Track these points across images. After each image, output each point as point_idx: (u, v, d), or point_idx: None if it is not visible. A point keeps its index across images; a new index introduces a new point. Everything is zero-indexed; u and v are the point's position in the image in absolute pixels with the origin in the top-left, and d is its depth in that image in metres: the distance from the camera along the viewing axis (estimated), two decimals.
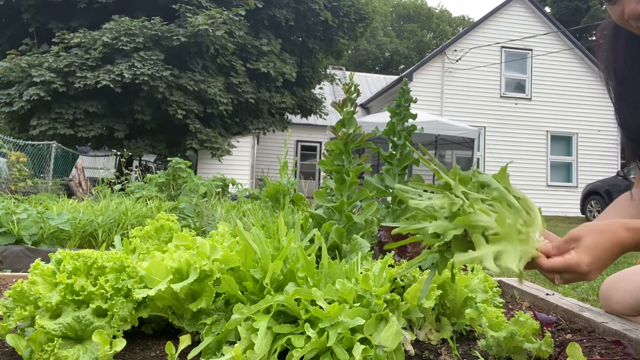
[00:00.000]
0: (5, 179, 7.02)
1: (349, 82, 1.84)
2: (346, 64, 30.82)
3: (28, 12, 11.41)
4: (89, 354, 0.90)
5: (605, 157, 15.16)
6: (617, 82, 1.17)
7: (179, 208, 3.08)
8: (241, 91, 11.67)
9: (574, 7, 25.89)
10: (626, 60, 1.14)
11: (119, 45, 10.19)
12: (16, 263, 2.26)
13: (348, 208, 1.79)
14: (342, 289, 1.02)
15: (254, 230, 1.13)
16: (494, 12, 15.21)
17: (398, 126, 2.31)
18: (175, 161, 4.95)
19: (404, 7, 40.07)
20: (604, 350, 1.13)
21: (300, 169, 18.35)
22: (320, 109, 14.95)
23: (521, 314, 1.02)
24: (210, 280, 1.05)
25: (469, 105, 14.75)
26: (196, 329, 1.04)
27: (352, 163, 1.83)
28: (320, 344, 0.90)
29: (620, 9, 0.97)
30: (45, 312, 0.94)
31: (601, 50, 1.20)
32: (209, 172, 11.29)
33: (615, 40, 1.15)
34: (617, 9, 0.98)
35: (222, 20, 10.79)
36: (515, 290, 1.71)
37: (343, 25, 14.20)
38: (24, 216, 2.56)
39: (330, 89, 20.13)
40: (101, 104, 10.70)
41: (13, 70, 10.09)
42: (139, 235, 1.39)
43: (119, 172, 8.47)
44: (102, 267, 1.02)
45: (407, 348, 1.02)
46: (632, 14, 0.95)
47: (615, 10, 0.99)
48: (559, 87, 15.15)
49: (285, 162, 4.07)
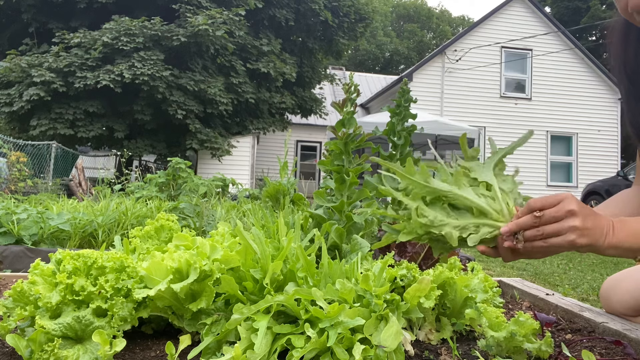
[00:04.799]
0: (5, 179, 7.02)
1: (349, 82, 1.84)
2: (346, 64, 30.81)
3: (28, 12, 11.40)
4: (89, 354, 0.90)
5: (605, 157, 15.16)
6: (627, 79, 1.15)
7: (179, 208, 3.08)
8: (241, 91, 11.67)
9: (574, 7, 25.87)
10: (637, 56, 1.11)
11: (119, 45, 10.18)
12: (16, 263, 2.26)
13: (348, 208, 1.79)
14: (342, 289, 1.02)
15: (254, 230, 1.13)
16: (494, 12, 15.21)
17: (398, 126, 2.31)
18: (175, 161, 4.95)
19: (404, 7, 40.06)
20: (604, 350, 1.13)
21: (300, 169, 18.35)
22: (320, 109, 14.95)
23: (521, 314, 1.02)
24: (210, 280, 1.05)
25: (469, 105, 14.75)
26: (196, 329, 1.04)
27: (352, 163, 1.83)
28: (320, 344, 0.90)
29: (625, 1, 0.96)
30: (45, 312, 0.94)
31: (612, 46, 1.18)
32: (209, 172, 11.28)
33: (625, 37, 1.13)
34: (622, 2, 0.97)
35: (222, 20, 10.79)
36: (515, 290, 1.71)
37: (343, 25, 14.19)
38: (24, 216, 2.56)
39: (330, 89, 20.12)
40: (101, 104, 10.70)
41: (13, 70, 10.09)
42: (139, 235, 1.39)
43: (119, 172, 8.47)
44: (102, 267, 1.02)
45: (407, 348, 1.02)
46: (635, 7, 0.94)
47: (620, 3, 0.98)
48: (559, 87, 15.15)
49: (285, 162, 4.07)
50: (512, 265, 4.26)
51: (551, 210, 0.83)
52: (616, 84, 1.26)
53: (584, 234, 0.83)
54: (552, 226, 0.83)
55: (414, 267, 1.24)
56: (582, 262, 4.69)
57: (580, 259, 4.88)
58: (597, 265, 4.47)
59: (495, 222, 0.84)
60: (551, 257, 4.97)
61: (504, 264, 4.31)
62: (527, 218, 0.84)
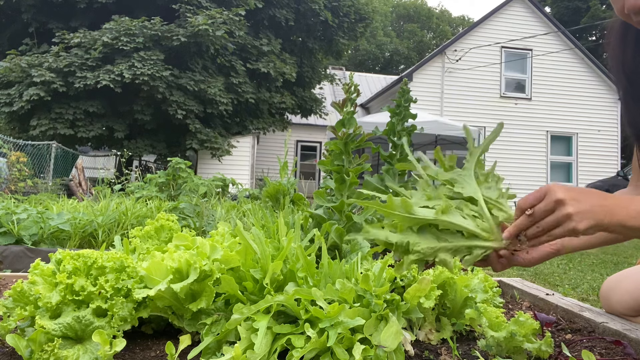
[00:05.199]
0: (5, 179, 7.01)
1: (349, 82, 1.84)
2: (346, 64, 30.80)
3: (28, 12, 11.40)
4: (89, 354, 0.90)
5: (605, 157, 15.16)
6: (626, 79, 1.15)
7: (179, 208, 3.08)
8: (241, 91, 11.67)
9: (574, 7, 25.87)
10: (635, 57, 1.12)
11: (119, 45, 10.18)
12: (16, 263, 2.26)
13: (348, 208, 1.79)
14: (342, 289, 1.02)
15: (254, 230, 1.13)
16: (494, 12, 15.21)
17: (398, 126, 2.32)
18: (175, 161, 4.95)
19: (404, 7, 40.05)
20: (604, 350, 1.13)
21: (300, 169, 18.34)
22: (320, 109, 14.95)
23: (521, 314, 1.02)
24: (210, 280, 1.05)
25: (469, 105, 14.75)
26: (196, 329, 1.04)
27: (352, 163, 1.83)
28: (320, 344, 0.90)
29: (622, 2, 0.96)
30: (45, 312, 0.94)
31: (610, 47, 1.18)
32: (209, 172, 11.28)
33: (623, 38, 1.14)
34: (618, 3, 0.97)
35: (222, 20, 10.79)
36: (515, 290, 1.71)
37: (343, 25, 14.19)
38: (24, 216, 2.56)
39: (330, 89, 20.12)
40: (101, 104, 10.70)
41: (13, 70, 10.09)
42: (139, 235, 1.39)
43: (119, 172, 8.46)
44: (102, 267, 1.02)
45: (407, 348, 1.02)
46: (632, 8, 0.94)
47: (617, 4, 0.98)
48: (559, 87, 15.15)
49: (285, 162, 4.07)
50: None
51: (540, 205, 0.83)
52: (615, 84, 1.25)
53: (583, 217, 0.81)
54: (548, 219, 0.82)
55: (414, 267, 1.24)
56: (582, 262, 4.69)
57: (580, 259, 4.88)
58: (597, 265, 4.47)
59: (485, 242, 0.85)
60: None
61: None
62: (522, 219, 0.84)
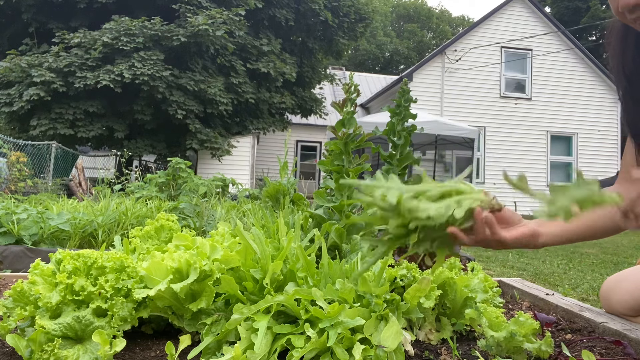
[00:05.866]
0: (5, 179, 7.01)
1: (349, 82, 1.84)
2: (346, 64, 30.81)
3: (28, 12, 11.40)
4: (89, 354, 0.90)
5: (605, 157, 15.16)
6: (625, 79, 1.15)
7: (179, 208, 3.08)
8: (241, 91, 11.67)
9: (574, 7, 25.88)
10: (635, 58, 1.12)
11: (119, 45, 10.19)
12: (16, 263, 2.26)
13: (348, 208, 1.79)
14: (342, 289, 1.02)
15: (254, 230, 1.13)
16: (494, 12, 15.21)
17: (398, 126, 2.31)
18: (175, 161, 4.95)
19: (404, 7, 40.06)
20: (604, 350, 1.13)
21: (300, 169, 18.35)
22: (320, 109, 14.95)
23: (521, 314, 1.02)
24: (210, 280, 1.05)
25: (469, 105, 14.75)
26: (196, 329, 1.04)
27: (352, 163, 1.83)
28: (320, 344, 0.90)
29: (617, 1, 0.96)
30: (45, 312, 0.94)
31: (611, 47, 1.19)
32: (209, 172, 11.28)
33: (624, 39, 1.14)
34: (614, 2, 0.97)
35: (222, 20, 10.79)
36: (515, 290, 1.71)
37: (343, 25, 14.19)
38: (24, 216, 2.56)
39: (330, 89, 20.12)
40: (101, 104, 10.70)
41: (13, 70, 10.09)
42: (139, 235, 1.39)
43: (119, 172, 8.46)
44: (102, 267, 1.02)
45: (407, 348, 1.02)
46: (625, 6, 0.94)
47: (613, 4, 0.98)
48: (559, 87, 15.15)
49: (285, 162, 4.07)
50: (512, 265, 4.26)
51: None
52: (615, 84, 1.25)
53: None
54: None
55: (414, 267, 1.24)
56: (582, 262, 4.69)
57: (580, 259, 4.88)
58: (597, 265, 4.47)
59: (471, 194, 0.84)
60: (551, 257, 4.97)
61: (504, 263, 4.31)
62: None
